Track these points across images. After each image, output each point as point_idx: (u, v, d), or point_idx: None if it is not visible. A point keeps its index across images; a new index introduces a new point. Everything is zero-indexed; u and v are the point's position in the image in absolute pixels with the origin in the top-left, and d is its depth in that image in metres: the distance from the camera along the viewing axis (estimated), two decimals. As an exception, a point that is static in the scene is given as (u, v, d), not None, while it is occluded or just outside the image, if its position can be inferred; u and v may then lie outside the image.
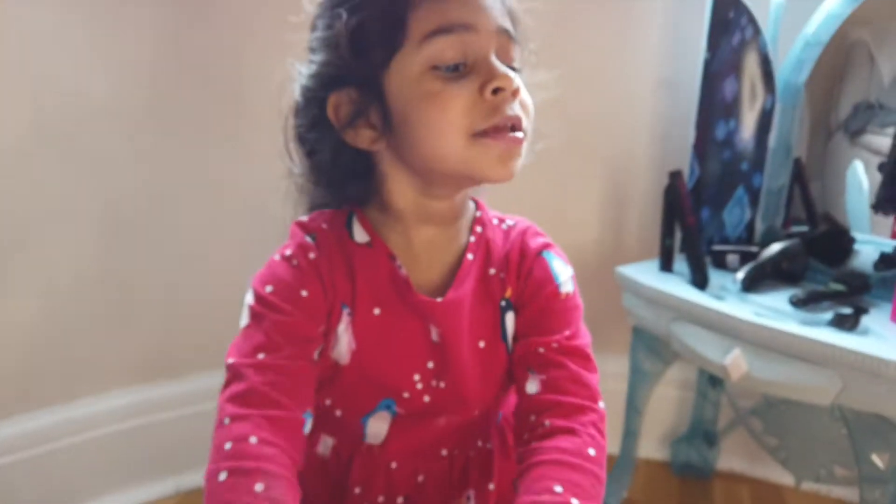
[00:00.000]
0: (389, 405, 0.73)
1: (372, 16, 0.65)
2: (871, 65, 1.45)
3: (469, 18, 0.65)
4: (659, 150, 1.55)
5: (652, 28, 1.50)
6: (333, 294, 0.69)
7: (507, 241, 0.78)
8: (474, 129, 0.64)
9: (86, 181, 1.33)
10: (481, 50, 0.65)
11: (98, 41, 1.29)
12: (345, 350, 0.71)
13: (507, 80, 0.64)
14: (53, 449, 1.35)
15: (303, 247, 0.70)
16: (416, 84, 0.65)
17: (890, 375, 0.98)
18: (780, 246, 1.31)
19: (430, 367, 0.73)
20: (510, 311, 0.75)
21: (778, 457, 1.39)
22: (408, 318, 0.72)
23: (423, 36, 0.64)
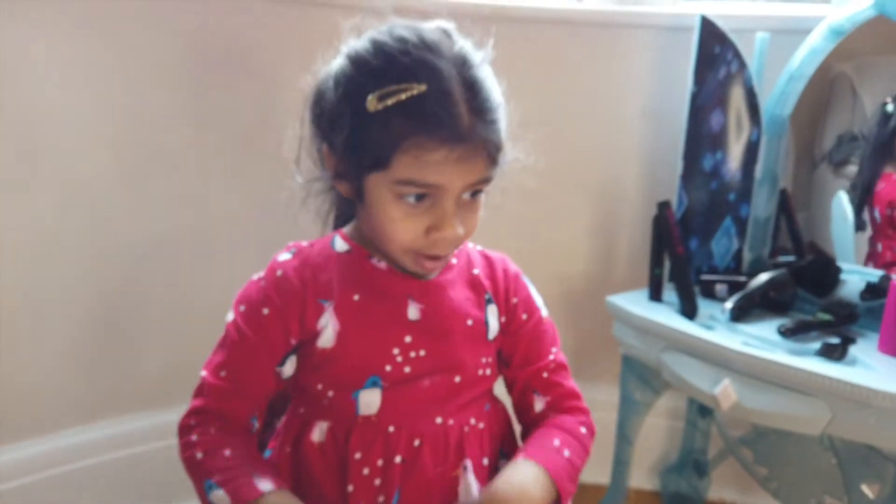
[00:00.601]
0: (376, 381, 0.81)
1: (367, 136, 0.73)
2: (853, 97, 1.48)
3: (441, 181, 0.73)
4: (647, 181, 1.57)
5: (640, 62, 1.53)
6: (304, 299, 0.80)
7: (487, 257, 0.91)
8: (413, 249, 0.78)
9: (75, 207, 1.33)
10: (444, 198, 0.74)
11: (98, 71, 1.30)
12: (331, 334, 0.80)
13: (451, 233, 0.75)
14: (40, 479, 1.33)
15: (272, 268, 0.82)
16: (383, 202, 0.76)
17: (878, 405, 0.99)
18: (767, 276, 1.32)
19: (408, 340, 0.82)
20: (492, 304, 0.88)
21: (768, 487, 1.39)
22: (384, 301, 0.82)
23: (398, 179, 0.73)
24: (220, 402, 0.80)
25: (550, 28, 1.51)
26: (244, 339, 0.81)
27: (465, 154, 0.72)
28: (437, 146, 0.71)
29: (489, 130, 0.74)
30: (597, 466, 1.61)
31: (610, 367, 1.56)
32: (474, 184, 0.75)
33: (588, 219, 1.62)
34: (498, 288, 0.89)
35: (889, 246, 1.35)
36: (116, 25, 1.30)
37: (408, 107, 0.71)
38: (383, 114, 0.71)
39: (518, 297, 0.89)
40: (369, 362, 0.81)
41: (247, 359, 0.81)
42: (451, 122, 0.71)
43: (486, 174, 0.76)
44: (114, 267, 1.38)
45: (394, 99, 0.71)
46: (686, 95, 1.39)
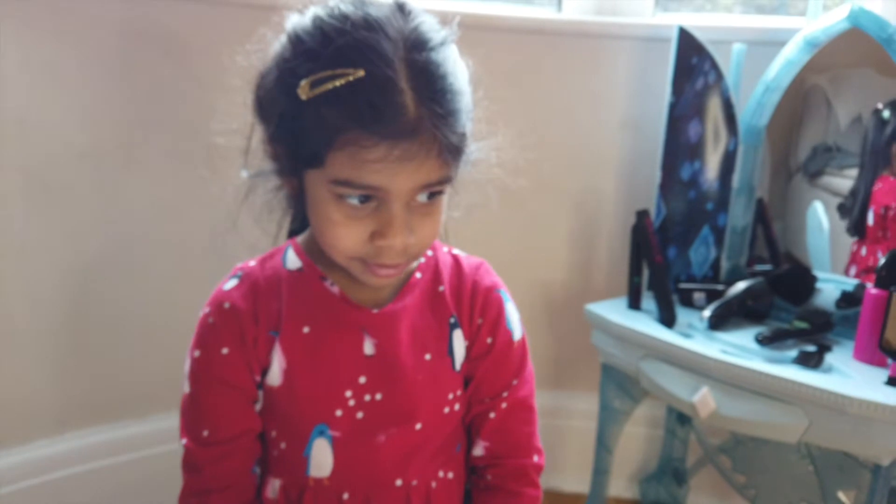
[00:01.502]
0: (323, 430, 0.73)
1: (299, 127, 0.64)
2: (827, 109, 1.50)
3: (383, 183, 0.63)
4: (626, 191, 1.58)
5: (619, 72, 1.54)
6: (256, 330, 0.73)
7: (459, 267, 0.80)
8: (358, 257, 0.68)
9: (49, 214, 1.31)
10: (390, 201, 0.65)
11: (71, 77, 1.29)
12: (277, 371, 0.73)
13: (396, 240, 0.66)
14: (10, 492, 1.30)
15: (217, 300, 0.74)
16: (322, 203, 0.66)
17: (854, 412, 1.00)
18: (745, 284, 1.33)
19: (363, 381, 0.73)
20: (458, 329, 0.77)
21: (746, 494, 1.40)
22: (339, 334, 0.73)
23: (334, 179, 0.64)
24: (213, 469, 0.74)
25: (530, 38, 1.52)
26: (212, 385, 0.73)
27: (409, 152, 0.61)
28: (375, 143, 0.60)
29: (443, 123, 0.63)
30: (576, 475, 1.62)
31: (589, 375, 1.57)
32: (426, 185, 0.65)
33: (567, 227, 1.63)
34: (462, 307, 0.78)
35: (873, 250, 1.37)
36: (90, 31, 1.29)
37: (342, 96, 0.60)
38: (316, 103, 0.61)
39: (484, 318, 0.78)
40: (318, 406, 0.73)
41: (224, 406, 0.73)
42: (391, 115, 0.60)
43: (441, 174, 0.65)
44: (86, 276, 1.36)
45: (326, 86, 0.60)
46: (664, 106, 1.41)
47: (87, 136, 1.32)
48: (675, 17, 1.60)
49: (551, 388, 1.67)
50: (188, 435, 0.74)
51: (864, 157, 1.38)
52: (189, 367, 0.74)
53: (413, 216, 0.67)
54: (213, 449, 0.73)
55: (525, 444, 0.80)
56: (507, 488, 0.79)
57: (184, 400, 0.75)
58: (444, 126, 0.63)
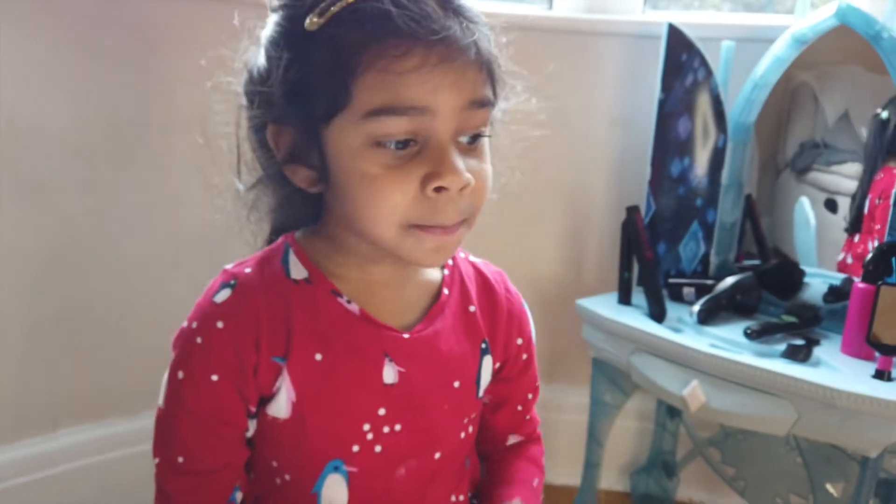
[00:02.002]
0: (338, 466, 0.65)
1: (313, 70, 0.56)
2: (815, 106, 1.52)
3: (426, 100, 0.55)
4: (616, 187, 1.59)
5: (609, 69, 1.55)
6: (257, 357, 0.62)
7: (484, 280, 0.74)
8: (409, 223, 0.58)
9: (37, 212, 1.30)
10: (436, 133, 0.57)
11: (61, 74, 1.28)
12: (284, 404, 0.63)
13: (454, 179, 0.56)
14: (2, 489, 1.30)
15: (207, 316, 0.62)
16: (355, 157, 0.57)
17: (842, 405, 1.01)
18: (734, 279, 1.34)
19: (382, 413, 0.65)
20: (488, 355, 0.71)
21: (736, 486, 1.41)
22: (356, 360, 0.64)
23: (368, 111, 0.55)
24: (186, 496, 0.64)
25: (520, 35, 1.52)
26: (196, 414, 0.62)
27: (449, 58, 0.54)
28: (408, 47, 0.53)
29: (476, 28, 0.57)
30: (568, 468, 1.63)
31: (580, 369, 1.58)
32: (470, 103, 0.57)
33: (558, 223, 1.64)
34: (498, 331, 0.72)
35: (865, 239, 1.38)
36: (80, 29, 1.28)
37: (359, 9, 0.54)
38: (328, 31, 0.55)
39: (523, 337, 0.74)
40: (332, 441, 0.64)
41: (207, 439, 0.63)
42: (420, 13, 0.54)
43: (485, 92, 0.58)
44: (78, 274, 1.36)
45: (340, 4, 0.54)
46: (654, 102, 1.42)
47: (79, 134, 1.31)
48: (665, 15, 1.61)
49: (542, 382, 1.65)
50: (161, 456, 0.65)
51: (867, 160, 1.39)
52: (168, 387, 0.64)
53: (465, 161, 0.58)
54: (187, 478, 0.64)
55: (537, 422, 0.83)
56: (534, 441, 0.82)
57: (159, 415, 0.65)
58: (477, 31, 0.57)
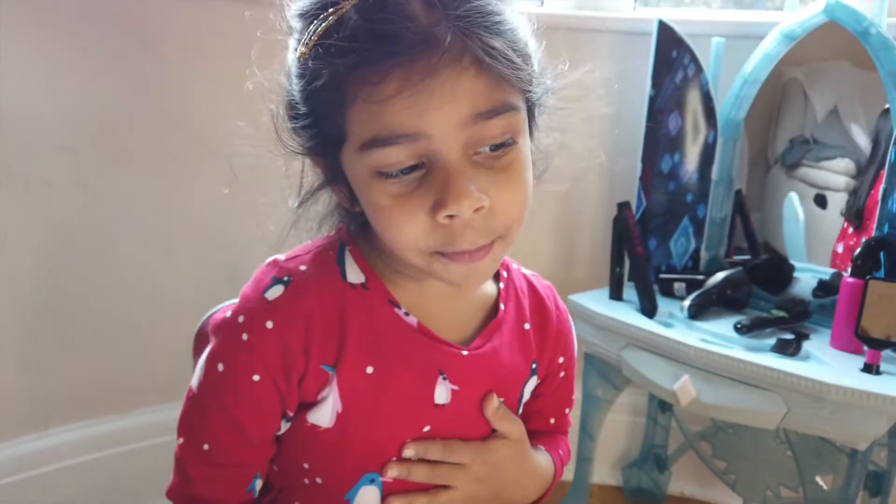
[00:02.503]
0: (374, 479, 0.63)
1: (313, 101, 0.54)
2: (804, 102, 1.53)
3: (414, 125, 0.50)
4: (607, 183, 1.60)
5: (600, 64, 1.55)
6: (305, 365, 0.59)
7: (536, 295, 0.71)
8: (430, 250, 0.55)
9: (30, 209, 1.30)
10: (438, 154, 0.52)
11: (52, 70, 1.28)
12: (328, 413, 0.60)
13: (460, 205, 0.51)
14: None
15: (257, 313, 0.59)
16: (365, 188, 0.54)
17: (831, 399, 1.02)
18: (724, 274, 1.35)
19: (427, 430, 0.63)
20: (534, 376, 0.69)
21: (727, 480, 1.42)
22: (410, 377, 0.61)
23: (361, 144, 0.52)
24: (206, 487, 0.62)
25: (512, 31, 1.52)
26: (229, 409, 0.60)
27: (432, 71, 0.48)
28: (385, 72, 0.48)
29: (469, 26, 0.49)
30: (560, 463, 1.64)
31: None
32: (473, 117, 0.50)
33: (550, 219, 1.64)
34: (545, 350, 0.69)
35: (859, 235, 1.39)
36: (69, 23, 1.28)
37: (341, 35, 0.50)
38: (318, 62, 0.51)
39: (565, 357, 0.72)
40: (373, 455, 0.62)
41: (235, 434, 0.61)
42: (396, 27, 0.48)
43: (493, 99, 0.51)
44: (70, 270, 1.36)
45: (319, 32, 0.51)
46: (644, 99, 1.42)
47: (68, 129, 1.31)
48: (655, 11, 1.62)
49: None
50: (186, 437, 0.63)
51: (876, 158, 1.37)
52: (205, 375, 0.61)
53: (483, 177, 0.53)
54: (208, 468, 0.62)
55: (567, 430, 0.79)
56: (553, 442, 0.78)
57: (190, 397, 0.63)
58: (473, 28, 0.49)
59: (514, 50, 0.52)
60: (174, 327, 0.79)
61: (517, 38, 0.53)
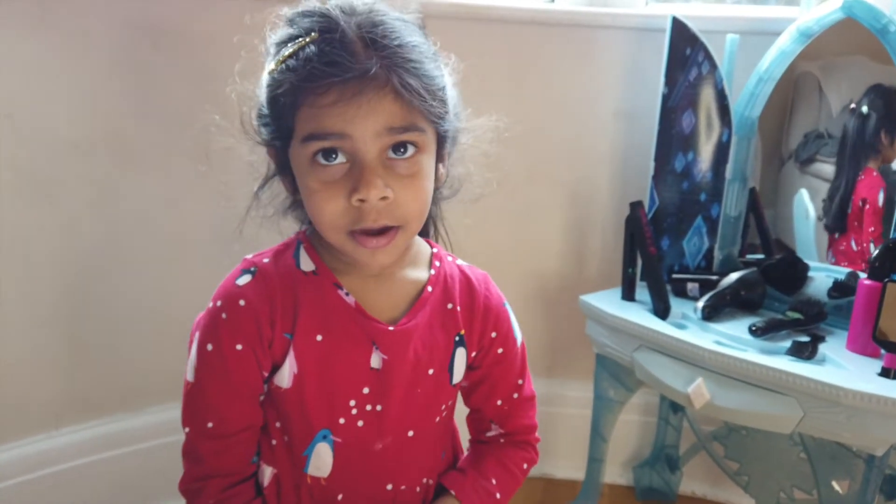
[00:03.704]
0: (326, 435, 0.77)
1: (274, 104, 0.71)
2: (819, 97, 1.51)
3: (342, 127, 0.67)
4: (619, 182, 1.58)
5: (613, 62, 1.53)
6: (272, 333, 0.74)
7: (468, 281, 0.83)
8: (347, 229, 0.70)
9: (40, 207, 1.29)
10: (358, 153, 0.68)
11: (60, 69, 1.27)
12: (287, 374, 0.75)
13: (371, 192, 0.67)
14: (6, 487, 1.30)
15: (231, 296, 0.74)
16: (303, 174, 0.70)
17: (848, 403, 1.01)
18: (738, 275, 1.34)
19: (366, 392, 0.76)
20: (461, 347, 0.81)
21: (739, 481, 1.41)
22: (350, 345, 0.76)
23: (302, 137, 0.69)
24: (216, 460, 0.76)
25: (523, 28, 1.51)
26: (222, 379, 0.74)
27: (360, 91, 0.65)
28: (327, 87, 0.66)
29: (396, 64, 0.67)
30: (571, 462, 1.63)
31: (583, 363, 1.58)
32: (388, 129, 0.67)
33: (561, 218, 1.63)
34: (474, 324, 0.82)
35: (848, 238, 1.38)
36: (78, 22, 1.27)
37: (300, 58, 0.67)
38: (281, 74, 0.68)
39: (498, 332, 0.84)
40: (323, 412, 0.76)
41: (232, 402, 0.75)
42: (340, 60, 0.65)
43: (405, 119, 0.68)
44: (80, 269, 1.35)
45: (285, 55, 0.68)
46: (657, 96, 1.40)
47: (78, 129, 1.30)
48: (668, 7, 1.59)
49: (545, 377, 1.68)
50: (191, 425, 0.76)
51: (843, 156, 1.40)
52: (197, 359, 0.75)
53: (391, 177, 0.69)
54: (216, 442, 0.75)
55: (529, 425, 0.90)
56: (518, 445, 0.89)
57: (187, 390, 0.76)
58: (396, 67, 0.67)
59: (425, 89, 0.68)
60: (184, 327, 0.82)
61: (432, 83, 0.70)
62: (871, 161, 1.36)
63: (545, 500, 1.62)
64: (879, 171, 1.34)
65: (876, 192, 1.35)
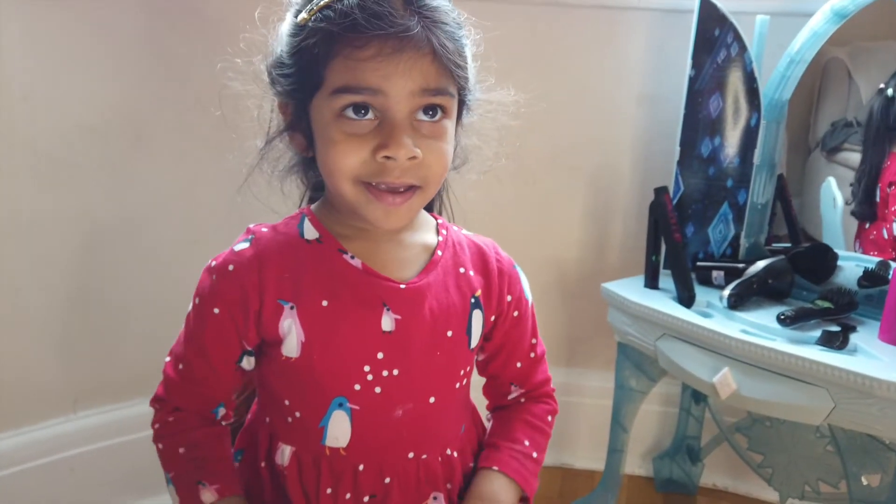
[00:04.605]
0: (342, 402, 0.75)
1: (301, 56, 0.69)
2: (848, 83, 1.47)
3: (379, 83, 0.66)
4: (642, 167, 1.55)
5: (637, 44, 1.50)
6: (259, 296, 0.74)
7: (477, 247, 0.84)
8: (360, 179, 0.69)
9: (57, 190, 1.29)
10: (390, 111, 0.67)
11: (76, 51, 1.26)
12: (294, 343, 0.74)
13: (399, 150, 0.67)
14: (23, 470, 1.30)
15: (225, 260, 0.75)
16: (326, 126, 0.69)
17: (881, 395, 0.98)
18: (765, 263, 1.30)
19: (380, 357, 0.75)
20: (478, 310, 0.80)
21: (762, 474, 1.39)
22: (358, 308, 0.74)
23: (334, 89, 0.67)
24: (177, 397, 0.79)
25: (547, 10, 1.48)
26: (197, 336, 0.77)
27: (401, 49, 0.65)
28: (366, 41, 0.65)
29: (434, 26, 0.67)
30: (591, 453, 1.61)
31: (604, 353, 1.55)
32: (423, 90, 0.67)
33: (583, 204, 1.60)
34: (491, 288, 0.82)
35: (879, 226, 1.35)
36: (96, 4, 1.26)
37: (335, 9, 0.66)
38: (315, 25, 0.67)
39: (512, 294, 0.84)
40: (336, 380, 0.75)
41: (201, 357, 0.77)
42: (380, 13, 0.64)
43: (439, 81, 0.68)
44: (97, 252, 1.35)
45: (322, 3, 0.67)
46: (684, 79, 1.37)
47: (95, 111, 1.29)
48: (696, -12, 1.55)
49: (565, 366, 1.66)
50: (171, 358, 0.80)
51: (868, 140, 1.36)
52: (191, 309, 0.78)
53: (417, 137, 0.69)
54: (183, 384, 0.78)
55: (545, 378, 0.90)
56: (540, 400, 0.90)
57: (183, 329, 0.80)
58: (435, 28, 0.66)
59: (459, 55, 0.69)
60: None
61: (463, 50, 0.71)
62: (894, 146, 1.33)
63: (564, 491, 1.60)
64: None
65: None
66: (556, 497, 1.58)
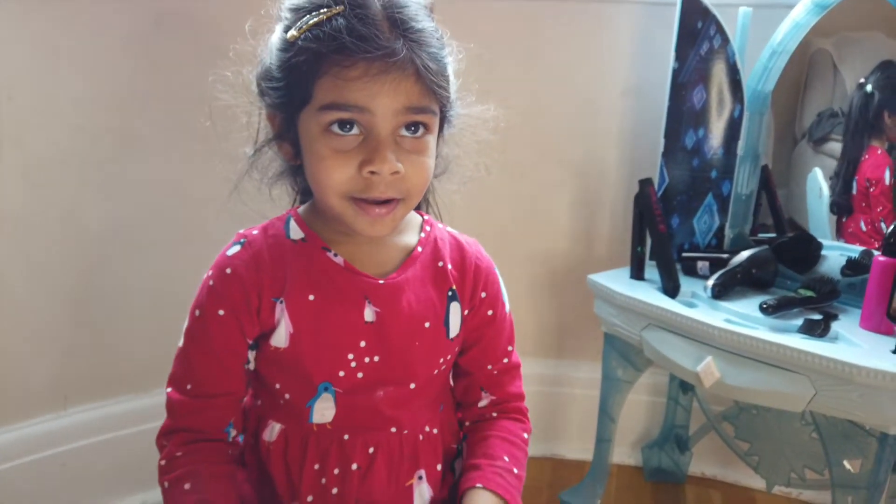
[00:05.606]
0: (327, 387, 0.80)
1: (290, 71, 0.71)
2: (833, 74, 1.48)
3: (365, 101, 0.69)
4: (629, 159, 1.56)
5: (622, 36, 1.51)
6: (259, 299, 0.77)
7: (458, 244, 0.87)
8: (348, 195, 0.72)
9: (44, 188, 1.29)
10: (375, 127, 0.70)
11: (64, 51, 1.26)
12: (283, 334, 0.78)
13: (383, 166, 0.70)
14: (14, 466, 1.31)
15: (220, 265, 0.78)
16: (313, 140, 0.72)
17: (861, 381, 0.99)
18: (749, 253, 1.32)
19: (363, 345, 0.79)
20: (455, 302, 0.84)
21: (749, 461, 1.40)
22: (342, 302, 0.79)
23: (321, 105, 0.70)
24: (188, 419, 0.79)
25: (532, 3, 1.49)
26: (205, 343, 0.78)
27: (386, 70, 0.68)
28: (353, 62, 0.68)
29: (418, 48, 0.69)
30: (580, 443, 1.63)
31: (593, 344, 1.56)
32: (406, 109, 0.70)
33: (569, 196, 1.61)
34: (465, 282, 0.85)
35: (857, 219, 1.36)
36: (84, 2, 1.26)
37: (325, 28, 0.68)
38: (304, 42, 0.69)
39: (487, 293, 0.86)
40: (322, 367, 0.79)
41: (211, 366, 0.79)
42: (367, 35, 0.67)
43: (423, 100, 0.71)
44: (86, 251, 1.35)
45: (311, 23, 0.69)
46: (667, 71, 1.38)
47: (82, 110, 1.30)
48: (679, -20, 1.56)
49: (553, 357, 1.66)
50: (173, 384, 0.80)
51: (848, 134, 1.37)
52: (187, 325, 0.80)
53: (400, 153, 0.72)
54: (192, 401, 0.79)
55: (518, 393, 0.92)
56: (512, 418, 0.91)
57: (177, 354, 0.81)
58: (419, 50, 0.69)
59: (441, 75, 0.72)
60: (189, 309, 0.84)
61: (446, 70, 0.74)
62: (874, 140, 1.34)
63: (554, 481, 1.61)
64: (886, 149, 1.32)
65: (882, 170, 1.33)
66: (545, 487, 1.59)
